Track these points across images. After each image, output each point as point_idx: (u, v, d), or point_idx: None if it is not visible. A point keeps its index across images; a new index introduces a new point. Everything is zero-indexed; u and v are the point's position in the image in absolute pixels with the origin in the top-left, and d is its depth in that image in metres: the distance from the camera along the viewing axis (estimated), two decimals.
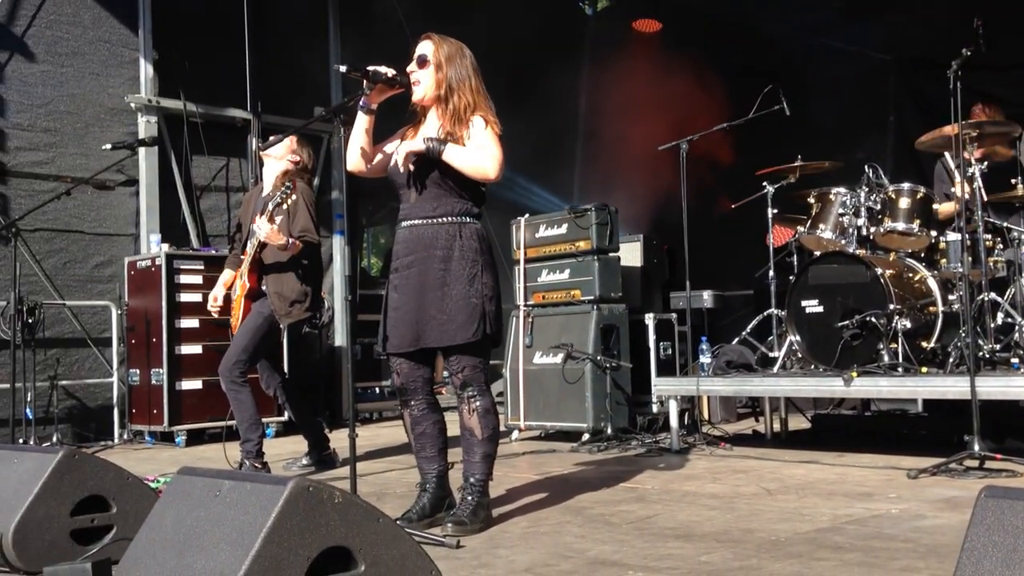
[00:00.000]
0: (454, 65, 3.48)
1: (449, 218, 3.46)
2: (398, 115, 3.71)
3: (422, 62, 3.49)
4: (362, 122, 3.50)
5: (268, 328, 4.96)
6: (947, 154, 5.75)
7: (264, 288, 4.97)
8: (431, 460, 3.56)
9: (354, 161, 3.55)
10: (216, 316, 5.18)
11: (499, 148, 3.43)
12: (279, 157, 5.08)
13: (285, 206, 4.72)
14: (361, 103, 3.47)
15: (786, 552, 2.91)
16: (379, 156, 3.61)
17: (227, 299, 5.19)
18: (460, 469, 3.55)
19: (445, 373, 3.49)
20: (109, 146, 5.75)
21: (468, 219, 3.49)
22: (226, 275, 5.19)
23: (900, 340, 5.00)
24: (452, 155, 3.39)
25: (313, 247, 5.00)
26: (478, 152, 3.41)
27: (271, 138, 5.02)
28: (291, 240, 4.80)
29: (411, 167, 3.47)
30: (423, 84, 3.50)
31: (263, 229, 4.70)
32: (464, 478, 3.49)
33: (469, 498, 3.43)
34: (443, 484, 3.57)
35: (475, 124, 3.46)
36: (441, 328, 3.41)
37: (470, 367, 3.46)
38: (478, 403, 3.47)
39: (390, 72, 3.45)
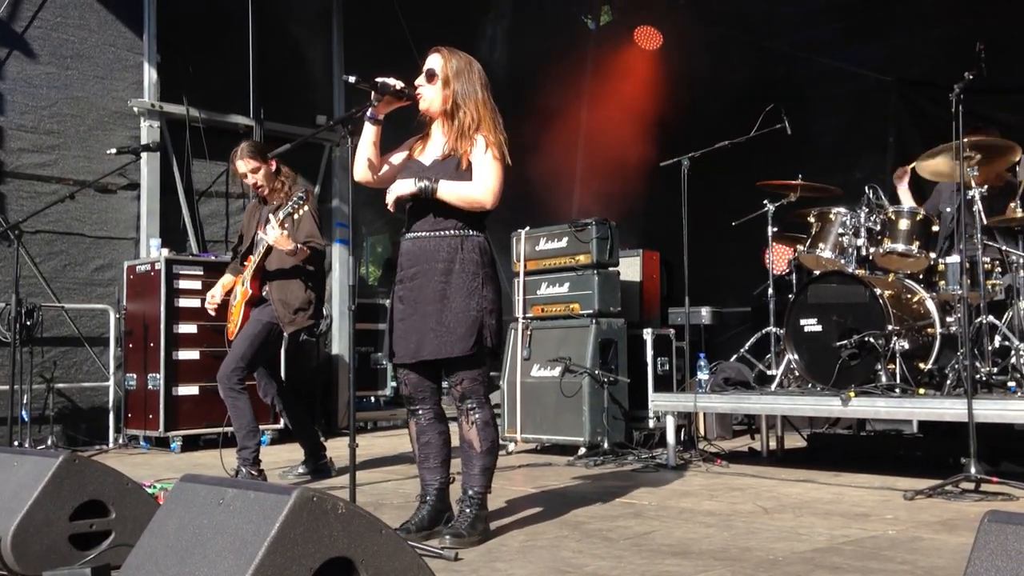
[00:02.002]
0: (462, 80, 3.50)
1: (452, 231, 3.47)
2: (406, 124, 3.73)
3: (430, 76, 3.51)
4: (369, 133, 3.52)
5: (267, 335, 4.96)
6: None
7: (266, 295, 4.98)
8: (433, 471, 3.56)
9: (361, 172, 3.57)
10: (212, 313, 5.17)
11: (496, 175, 3.45)
12: (254, 171, 5.04)
13: (296, 216, 4.72)
14: (368, 114, 3.49)
15: (784, 571, 2.92)
16: (386, 167, 3.63)
17: (224, 305, 5.20)
18: (459, 481, 3.56)
19: (445, 384, 3.50)
20: (114, 151, 5.77)
21: (471, 232, 3.50)
22: (226, 279, 5.21)
23: (898, 361, 5.01)
24: (446, 193, 3.43)
25: (318, 254, 5.00)
26: (471, 186, 3.44)
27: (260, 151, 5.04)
28: (299, 246, 4.81)
29: (398, 205, 3.50)
30: (429, 98, 3.52)
31: (272, 233, 4.70)
32: (463, 490, 3.50)
33: (467, 511, 3.43)
34: (443, 497, 3.58)
35: (477, 145, 3.47)
36: (439, 340, 3.42)
37: (469, 379, 3.47)
38: (477, 416, 3.48)
39: (398, 84, 3.47)
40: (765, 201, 6.11)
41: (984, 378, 4.92)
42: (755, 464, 5.60)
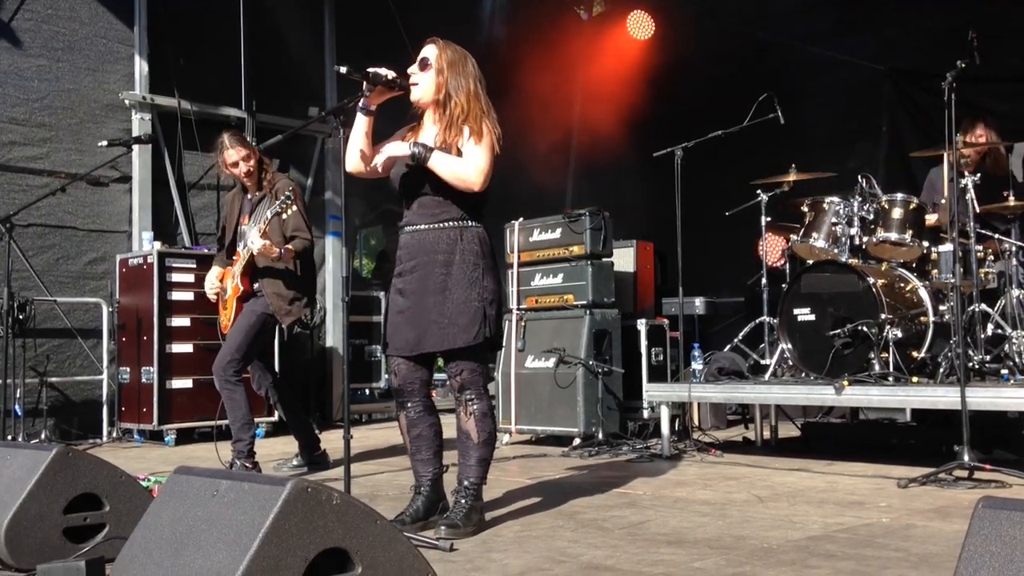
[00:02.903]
0: (455, 72, 3.49)
1: (450, 223, 3.47)
2: (399, 115, 3.72)
3: (423, 64, 3.50)
4: (361, 123, 3.51)
5: (262, 327, 4.95)
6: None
7: (258, 289, 4.97)
8: (426, 463, 3.57)
9: (354, 162, 3.55)
10: (213, 299, 5.15)
11: (486, 158, 3.43)
12: (245, 158, 5.03)
13: (285, 216, 4.71)
14: (361, 104, 3.47)
15: (778, 559, 2.93)
16: (378, 157, 3.62)
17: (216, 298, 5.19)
18: (454, 471, 3.56)
19: (438, 376, 3.51)
20: (105, 143, 5.74)
21: (469, 223, 3.50)
22: (216, 271, 5.18)
23: (891, 350, 5.03)
24: (437, 163, 3.41)
25: (309, 244, 4.99)
26: (462, 163, 3.42)
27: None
28: (283, 249, 4.82)
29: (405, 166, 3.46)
30: (421, 86, 3.51)
31: (256, 243, 4.72)
32: (458, 481, 3.50)
33: (463, 501, 3.44)
34: (437, 488, 3.58)
35: (464, 134, 3.46)
36: (442, 332, 3.42)
37: (468, 370, 3.48)
38: (475, 406, 3.48)
39: (390, 74, 3.46)
40: (758, 191, 6.11)
41: (977, 366, 4.93)
42: (749, 453, 5.62)
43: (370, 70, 3.43)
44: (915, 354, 5.20)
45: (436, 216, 3.47)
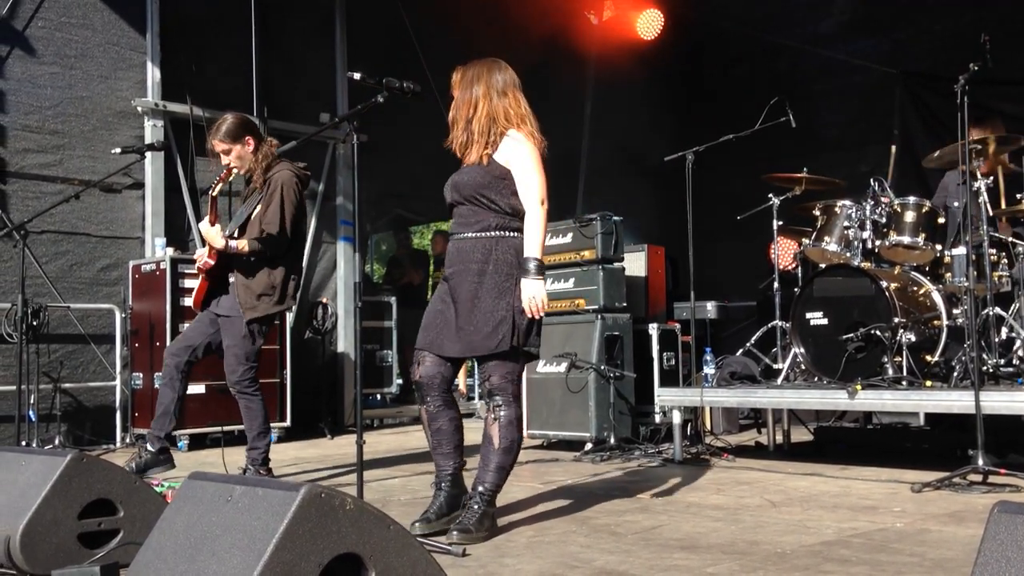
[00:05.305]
0: (464, 88, 3.63)
1: (488, 232, 3.54)
2: (407, 116, 3.75)
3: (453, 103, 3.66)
4: None
5: (250, 334, 4.69)
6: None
7: (231, 279, 4.74)
8: (447, 456, 3.60)
9: None
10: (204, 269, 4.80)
11: (537, 172, 3.53)
12: (225, 152, 4.75)
13: (273, 202, 4.58)
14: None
15: (792, 565, 2.92)
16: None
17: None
18: (473, 473, 3.57)
19: (458, 381, 3.53)
20: (118, 150, 5.77)
21: (507, 233, 3.56)
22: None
23: (904, 353, 5.01)
24: (536, 249, 3.51)
25: (274, 239, 4.59)
26: (530, 219, 3.52)
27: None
28: (231, 244, 4.55)
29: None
30: (453, 116, 3.66)
31: (204, 228, 4.54)
32: (474, 485, 3.51)
33: (476, 507, 3.44)
34: (458, 482, 3.62)
35: (505, 148, 3.56)
36: (467, 339, 3.48)
37: (497, 376, 3.52)
38: (502, 413, 3.52)
39: (406, 83, 3.50)
40: (770, 195, 6.10)
41: (991, 370, 4.91)
42: (762, 458, 5.60)
43: (384, 79, 3.47)
44: (928, 358, 5.18)
45: (476, 225, 3.56)
